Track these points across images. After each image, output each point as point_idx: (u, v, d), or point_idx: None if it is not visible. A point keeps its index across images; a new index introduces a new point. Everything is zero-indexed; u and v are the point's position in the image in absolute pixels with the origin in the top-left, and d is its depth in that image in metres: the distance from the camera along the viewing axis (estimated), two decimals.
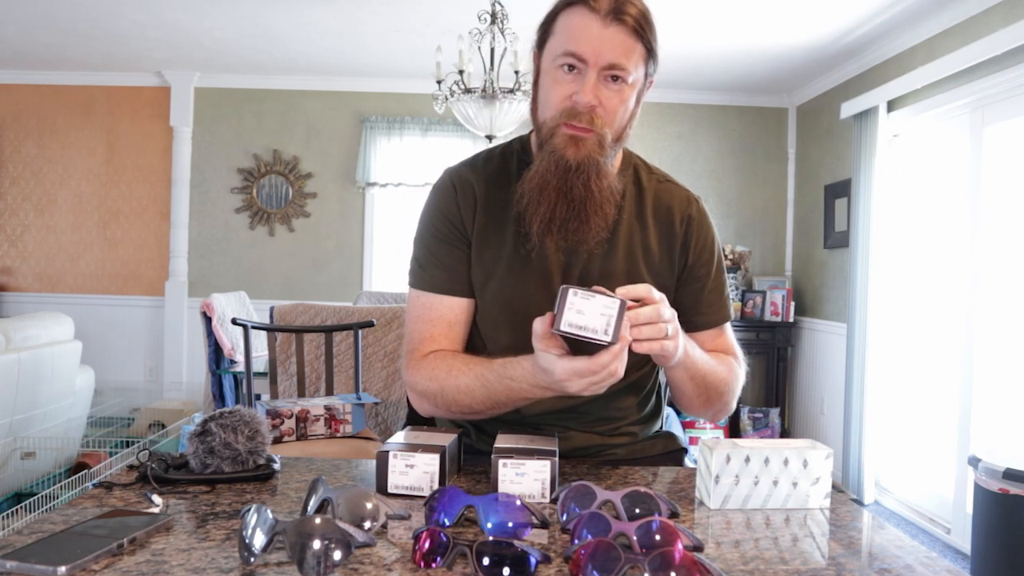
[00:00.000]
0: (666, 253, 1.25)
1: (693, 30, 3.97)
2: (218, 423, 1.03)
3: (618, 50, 1.10)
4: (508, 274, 1.21)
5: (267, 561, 0.74)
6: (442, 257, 1.23)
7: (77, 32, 4.29)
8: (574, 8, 1.12)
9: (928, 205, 3.76)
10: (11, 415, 3.07)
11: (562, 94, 1.12)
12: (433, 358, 1.19)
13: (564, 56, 1.11)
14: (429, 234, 1.24)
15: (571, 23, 1.12)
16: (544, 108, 1.16)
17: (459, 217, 1.23)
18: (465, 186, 1.24)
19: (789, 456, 0.96)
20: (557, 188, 1.13)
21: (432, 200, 1.27)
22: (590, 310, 0.91)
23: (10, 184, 5.20)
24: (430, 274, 1.23)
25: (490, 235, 1.22)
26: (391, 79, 5.08)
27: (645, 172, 1.29)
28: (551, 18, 1.16)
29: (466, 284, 1.22)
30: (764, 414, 4.91)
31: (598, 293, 0.92)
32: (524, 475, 0.96)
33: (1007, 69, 3.05)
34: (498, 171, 1.25)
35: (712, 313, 1.29)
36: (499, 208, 1.22)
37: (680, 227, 1.26)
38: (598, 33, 1.09)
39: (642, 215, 1.25)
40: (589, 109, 1.11)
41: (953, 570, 0.77)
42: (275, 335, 2.59)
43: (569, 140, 1.11)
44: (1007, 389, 3.10)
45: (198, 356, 4.94)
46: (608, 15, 1.09)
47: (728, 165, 5.22)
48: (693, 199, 1.30)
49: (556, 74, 1.13)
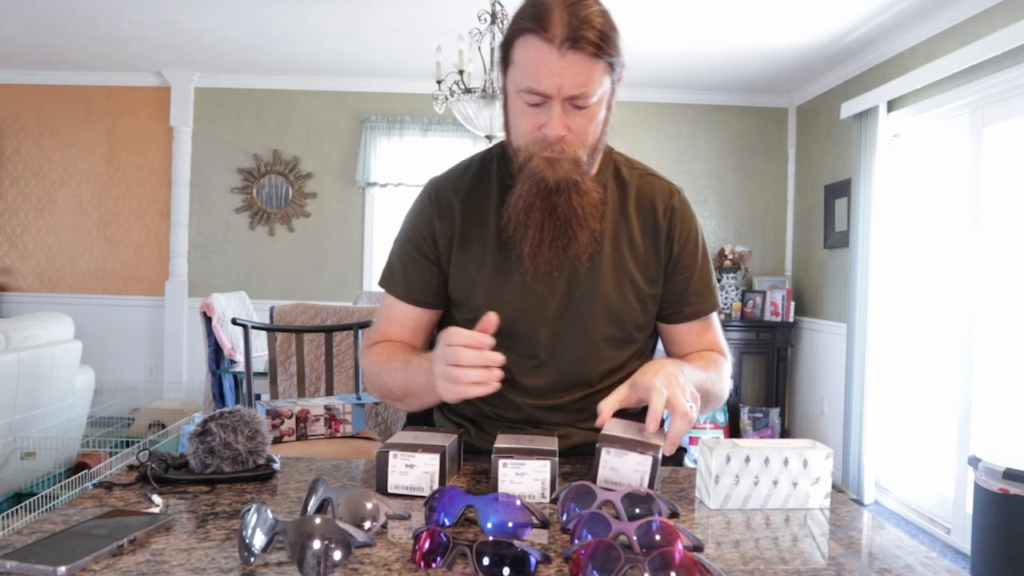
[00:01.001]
0: (652, 246, 1.26)
1: (693, 30, 3.97)
2: (218, 423, 1.03)
3: (579, 79, 1.07)
4: (492, 282, 1.24)
5: (267, 561, 0.74)
6: (408, 267, 1.28)
7: (77, 32, 4.29)
8: (529, 37, 1.08)
9: (928, 205, 3.76)
10: (11, 415, 3.07)
11: (530, 126, 1.12)
12: (381, 345, 1.28)
13: (526, 93, 1.10)
14: (404, 241, 1.30)
15: (528, 56, 1.08)
16: (516, 135, 1.17)
17: (433, 234, 1.26)
18: (443, 203, 1.27)
19: (789, 456, 0.96)
20: (541, 209, 1.15)
21: (412, 211, 1.31)
22: (624, 467, 0.98)
23: (10, 184, 5.20)
24: (396, 280, 1.29)
25: (471, 246, 1.25)
26: (391, 79, 5.08)
27: (626, 168, 1.30)
28: (509, 42, 1.13)
29: (430, 297, 1.28)
30: (764, 414, 4.91)
31: (629, 449, 0.98)
32: (524, 475, 0.96)
33: (1007, 69, 3.05)
34: (478, 180, 1.28)
35: (700, 303, 1.30)
36: (480, 218, 1.25)
37: (664, 218, 1.27)
38: (556, 66, 1.06)
39: (625, 211, 1.26)
40: (559, 140, 1.11)
41: (953, 570, 0.77)
42: (275, 335, 2.59)
43: (546, 163, 1.13)
44: (1007, 389, 3.10)
45: (198, 356, 4.94)
46: (564, 43, 1.05)
47: (728, 165, 5.22)
48: (675, 190, 1.31)
49: (521, 106, 1.12)
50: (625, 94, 5.69)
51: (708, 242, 5.34)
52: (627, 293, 1.25)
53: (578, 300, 1.23)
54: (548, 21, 1.06)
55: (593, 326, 1.24)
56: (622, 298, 1.24)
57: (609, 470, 0.97)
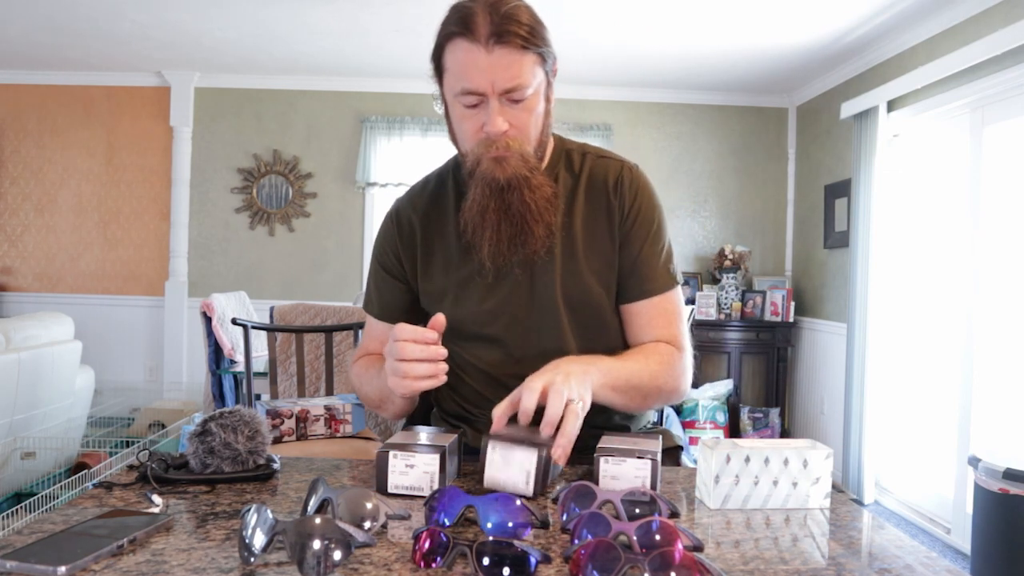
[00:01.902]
0: (605, 226, 1.25)
1: (693, 30, 3.97)
2: (218, 423, 1.03)
3: (510, 72, 1.09)
4: (458, 289, 1.26)
5: (267, 561, 0.74)
6: (382, 288, 1.35)
7: (77, 32, 4.29)
8: (456, 41, 1.10)
9: (928, 205, 3.76)
10: (11, 415, 3.07)
11: (472, 128, 1.14)
12: (363, 360, 1.35)
13: (462, 95, 1.12)
14: (375, 263, 1.36)
15: (458, 59, 1.11)
16: (461, 141, 1.19)
17: (398, 254, 1.32)
18: (404, 222, 1.32)
19: (789, 456, 0.96)
20: (496, 209, 1.17)
21: (378, 235, 1.37)
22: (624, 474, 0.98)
23: (10, 184, 5.20)
24: (373, 301, 1.36)
25: (434, 259, 1.29)
26: (391, 79, 5.08)
27: (578, 154, 1.30)
28: (438, 51, 1.15)
29: (401, 314, 1.32)
30: (764, 414, 4.91)
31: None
32: (511, 464, 0.95)
33: (1007, 69, 3.05)
34: (435, 195, 1.32)
35: (648, 281, 1.25)
36: (440, 230, 1.29)
37: (614, 194, 1.26)
38: (485, 63, 1.08)
39: (576, 197, 1.26)
40: (501, 136, 1.13)
41: (953, 570, 0.77)
42: (275, 335, 2.59)
43: (495, 163, 1.15)
44: (1007, 389, 3.10)
45: (198, 356, 4.94)
46: (490, 40, 1.07)
47: (728, 165, 5.22)
48: (627, 166, 1.29)
49: (460, 109, 1.14)
50: (625, 94, 5.69)
51: (708, 242, 5.28)
52: (586, 279, 1.24)
53: (540, 294, 1.24)
54: (472, 22, 1.08)
55: (558, 319, 1.24)
56: (581, 286, 1.24)
57: (610, 479, 0.98)
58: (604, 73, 4.79)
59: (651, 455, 0.99)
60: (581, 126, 5.02)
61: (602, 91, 5.10)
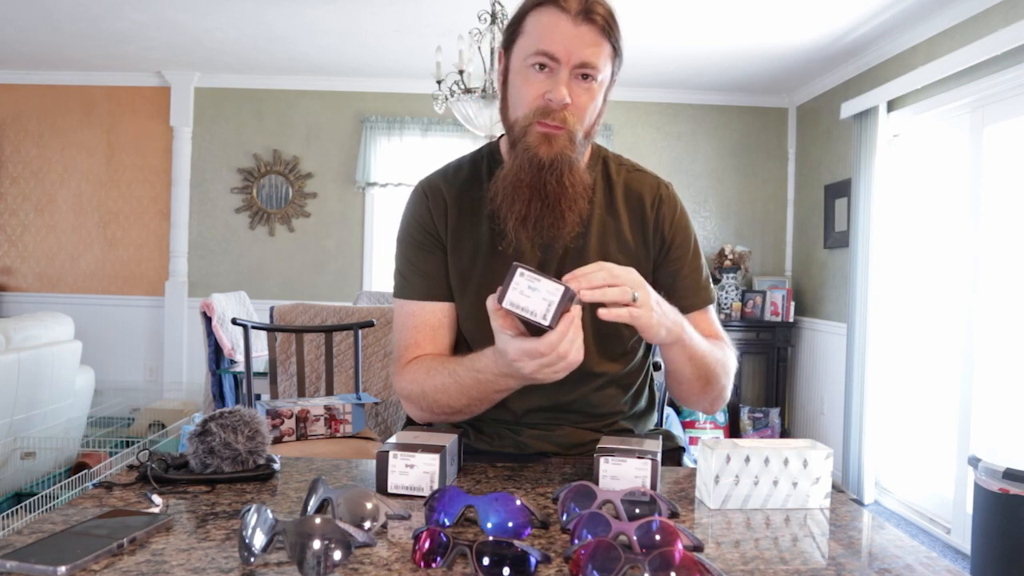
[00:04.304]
0: (640, 240, 1.26)
1: (693, 30, 3.97)
2: (218, 423, 1.03)
3: (589, 49, 1.11)
4: (484, 275, 1.22)
5: (267, 561, 0.74)
6: (420, 264, 1.26)
7: (77, 32, 4.29)
8: (544, 8, 1.13)
9: (928, 205, 3.76)
10: (11, 415, 3.07)
11: (534, 92, 1.13)
12: (416, 363, 1.21)
13: (536, 55, 1.12)
14: (407, 244, 1.28)
15: (542, 22, 1.12)
16: (516, 107, 1.17)
17: (432, 223, 1.26)
18: (435, 193, 1.27)
19: (789, 456, 0.96)
20: (531, 185, 1.14)
21: (407, 211, 1.30)
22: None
23: (10, 184, 5.20)
24: (411, 283, 1.26)
25: (463, 238, 1.25)
26: (391, 79, 5.08)
27: (615, 164, 1.30)
28: (520, 18, 1.16)
29: (446, 288, 1.25)
30: (764, 414, 4.91)
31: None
32: (536, 290, 0.93)
33: (1007, 69, 3.05)
34: (469, 177, 1.28)
35: (692, 296, 1.27)
36: (471, 212, 1.25)
37: (651, 211, 1.26)
38: (569, 32, 1.10)
39: (613, 206, 1.26)
40: (562, 107, 1.12)
41: (953, 570, 0.77)
42: (275, 335, 2.59)
43: (542, 138, 1.13)
44: (1007, 389, 3.10)
45: (198, 356, 4.94)
46: (579, 15, 1.10)
47: (728, 165, 5.22)
48: (663, 184, 1.30)
49: (527, 73, 1.14)
50: (625, 94, 5.69)
51: (708, 242, 5.29)
52: None
53: None
54: None
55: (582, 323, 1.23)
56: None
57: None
58: None
59: (651, 455, 0.99)
60: None
61: None
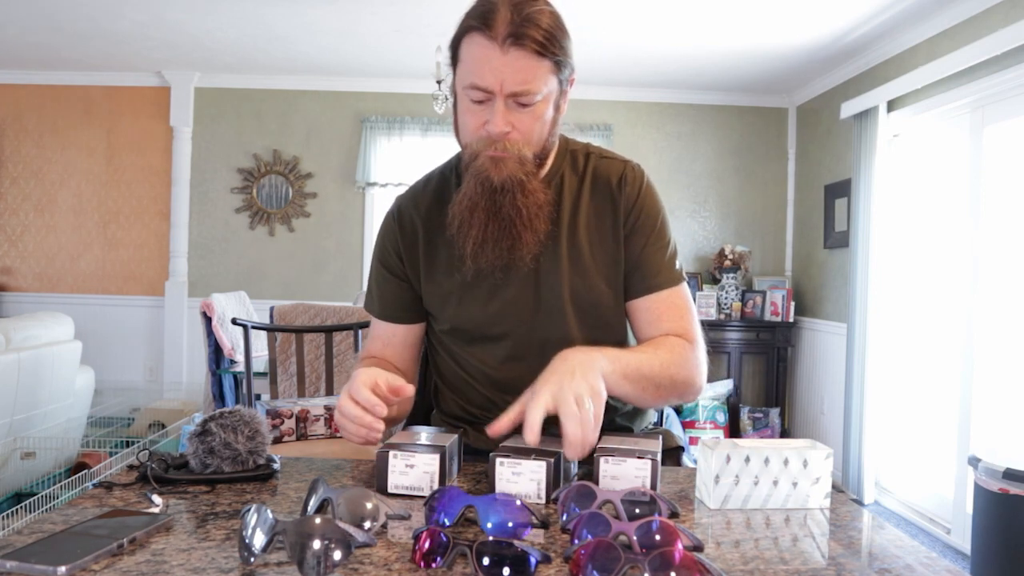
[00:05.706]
0: (610, 225, 1.24)
1: (693, 30, 3.97)
2: (218, 423, 1.03)
3: (520, 76, 1.08)
4: (463, 291, 1.24)
5: (267, 561, 0.74)
6: (381, 286, 1.33)
7: (77, 32, 4.29)
8: (473, 35, 1.10)
9: (928, 205, 3.76)
10: (11, 415, 3.07)
11: (475, 123, 1.13)
12: (366, 363, 1.30)
13: (470, 89, 1.11)
14: (376, 261, 1.34)
15: (472, 53, 1.10)
16: (463, 133, 1.18)
17: (399, 249, 1.30)
18: (406, 222, 1.30)
19: (789, 456, 0.96)
20: (486, 208, 1.15)
21: (379, 233, 1.35)
22: (624, 474, 0.98)
23: (10, 184, 5.20)
24: (372, 298, 1.34)
25: (438, 259, 1.26)
26: (391, 79, 5.08)
27: (582, 155, 1.29)
28: (456, 42, 1.14)
29: (403, 312, 1.31)
30: (764, 414, 4.91)
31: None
32: (520, 475, 0.96)
33: (1007, 69, 3.04)
34: (438, 192, 1.30)
35: (655, 275, 1.23)
36: (443, 229, 1.25)
37: (617, 191, 1.25)
38: (498, 62, 1.07)
39: (581, 196, 1.25)
40: (503, 136, 1.12)
41: (953, 570, 0.77)
42: (275, 335, 2.59)
43: (491, 162, 1.13)
44: (1007, 389, 3.10)
45: (198, 356, 4.94)
46: (507, 39, 1.06)
47: (728, 165, 5.22)
48: (630, 164, 1.28)
49: (467, 103, 1.14)
50: (625, 94, 5.68)
51: (708, 242, 5.28)
52: (594, 279, 1.23)
53: (547, 296, 1.23)
54: (492, 19, 1.07)
55: (564, 320, 1.23)
56: (590, 286, 1.23)
57: (609, 479, 0.97)
58: (604, 73, 4.79)
59: (651, 455, 0.99)
60: (581, 126, 5.02)
61: (602, 91, 5.09)
